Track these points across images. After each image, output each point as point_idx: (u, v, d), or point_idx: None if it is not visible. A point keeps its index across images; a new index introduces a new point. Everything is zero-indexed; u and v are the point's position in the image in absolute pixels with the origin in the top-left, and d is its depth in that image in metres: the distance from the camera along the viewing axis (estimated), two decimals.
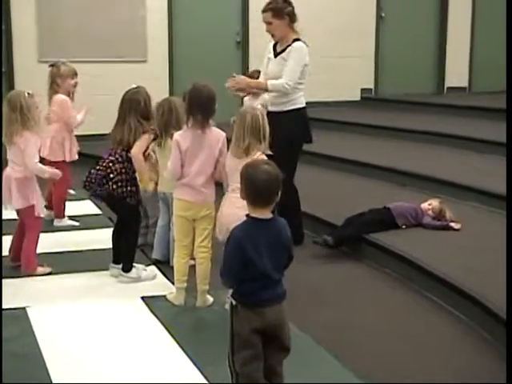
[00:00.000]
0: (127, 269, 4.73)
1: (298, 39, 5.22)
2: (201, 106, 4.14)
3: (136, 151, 4.59)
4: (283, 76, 5.16)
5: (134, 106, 4.59)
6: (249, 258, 2.84)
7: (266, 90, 5.19)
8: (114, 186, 4.59)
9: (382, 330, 4.04)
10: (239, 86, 5.28)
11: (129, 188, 4.62)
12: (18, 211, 4.91)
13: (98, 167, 4.64)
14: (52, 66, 6.00)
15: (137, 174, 4.71)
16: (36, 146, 4.78)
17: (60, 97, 5.88)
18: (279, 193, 2.93)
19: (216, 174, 4.26)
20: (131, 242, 4.78)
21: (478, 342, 3.87)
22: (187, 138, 4.20)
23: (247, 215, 2.93)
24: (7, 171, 4.83)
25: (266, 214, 2.91)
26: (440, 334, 4.04)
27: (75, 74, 5.96)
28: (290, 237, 2.97)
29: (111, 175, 4.58)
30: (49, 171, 4.90)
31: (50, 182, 5.77)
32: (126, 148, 4.60)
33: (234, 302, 2.94)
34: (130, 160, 4.62)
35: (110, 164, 4.61)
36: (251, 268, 2.86)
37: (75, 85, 5.97)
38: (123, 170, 4.60)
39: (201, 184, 4.20)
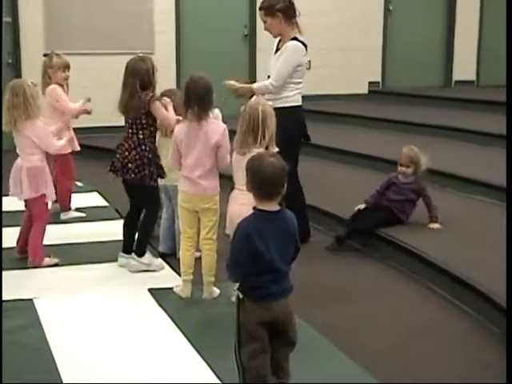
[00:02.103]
0: (141, 253, 4.74)
1: (294, 38, 5.12)
2: (197, 98, 4.13)
3: (170, 118, 4.59)
4: (271, 75, 5.14)
5: (134, 73, 4.53)
6: (256, 251, 2.83)
7: (253, 92, 5.08)
8: (133, 175, 4.59)
9: (388, 324, 4.04)
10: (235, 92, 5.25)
11: (146, 171, 4.60)
12: (26, 202, 4.91)
13: (117, 155, 4.66)
14: (45, 56, 5.97)
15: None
16: (47, 129, 4.80)
17: (51, 86, 5.81)
18: (285, 185, 2.93)
19: (219, 166, 4.27)
20: (149, 226, 4.78)
21: (486, 336, 3.86)
22: (183, 130, 4.21)
23: (254, 208, 2.93)
24: (18, 162, 4.84)
25: (272, 206, 2.90)
26: (447, 327, 4.03)
27: (67, 67, 5.86)
28: (297, 229, 2.96)
29: (129, 164, 4.59)
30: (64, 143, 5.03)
31: (53, 175, 5.76)
32: (132, 123, 4.58)
33: (240, 296, 2.94)
34: (143, 142, 4.59)
35: (126, 153, 4.60)
36: (259, 261, 2.85)
37: (66, 78, 5.87)
38: (137, 156, 4.58)
39: (198, 176, 4.20)
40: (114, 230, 5.46)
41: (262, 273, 2.87)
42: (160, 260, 4.92)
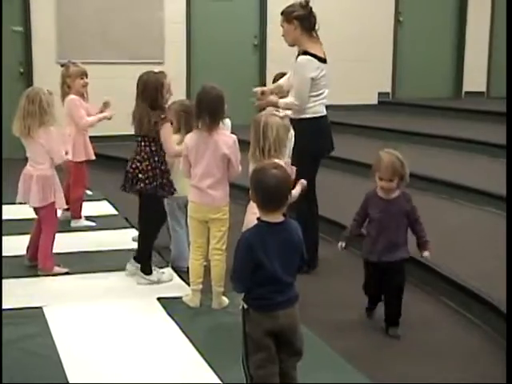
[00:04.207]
0: (147, 272, 4.73)
1: (305, 52, 4.96)
2: (208, 108, 4.14)
3: (169, 148, 4.57)
4: (291, 96, 5.00)
5: (144, 91, 4.53)
6: (258, 262, 2.84)
7: (279, 107, 4.95)
8: (142, 185, 4.59)
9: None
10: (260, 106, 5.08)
11: (158, 182, 4.60)
12: (35, 209, 4.94)
13: (128, 168, 4.66)
14: (62, 66, 6.04)
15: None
16: (59, 140, 4.83)
17: (69, 97, 5.90)
18: (289, 195, 2.93)
19: (229, 177, 4.28)
20: (152, 240, 4.76)
21: (496, 348, 3.85)
22: (193, 140, 4.23)
23: (258, 219, 2.94)
24: (27, 169, 4.86)
25: (276, 217, 2.91)
26: (457, 339, 4.02)
27: (84, 74, 5.93)
28: (301, 239, 2.96)
29: (140, 175, 4.59)
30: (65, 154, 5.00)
31: (65, 183, 5.79)
32: (144, 136, 4.59)
33: (245, 306, 2.94)
34: (156, 153, 4.60)
35: (138, 164, 4.61)
36: (261, 272, 2.86)
37: (85, 85, 5.94)
38: (149, 167, 4.59)
39: (207, 186, 4.21)
40: (123, 238, 5.48)
41: (266, 284, 2.88)
42: (169, 270, 4.91)
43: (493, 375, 3.54)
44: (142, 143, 4.61)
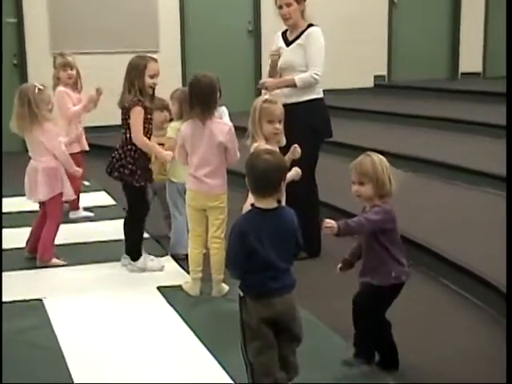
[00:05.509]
0: (134, 257, 4.72)
1: (311, 24, 4.94)
2: (200, 98, 4.13)
3: (134, 135, 4.51)
4: (309, 66, 4.86)
5: (125, 73, 4.51)
6: (251, 248, 2.84)
7: (295, 86, 4.86)
8: (117, 173, 4.59)
9: (399, 315, 4.03)
10: (270, 88, 4.91)
11: (128, 169, 4.55)
12: (40, 202, 4.93)
13: (112, 154, 4.66)
14: (54, 57, 6.02)
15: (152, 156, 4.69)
16: (57, 136, 4.82)
17: (57, 89, 5.85)
18: (282, 182, 2.92)
19: (228, 164, 4.27)
20: (134, 228, 4.72)
21: (496, 327, 3.86)
22: (188, 129, 4.22)
23: (252, 205, 2.94)
24: (31, 164, 4.86)
25: (270, 203, 2.90)
26: (456, 319, 4.03)
27: (68, 66, 5.86)
28: (296, 225, 2.95)
29: (118, 162, 4.58)
30: (74, 168, 4.96)
31: None
32: (122, 121, 4.56)
33: (241, 294, 2.95)
34: (131, 142, 4.55)
35: (116, 151, 4.62)
36: (255, 258, 2.85)
37: (70, 77, 5.88)
38: (123, 155, 4.57)
39: (203, 174, 4.20)
40: (122, 229, 5.46)
41: (260, 270, 2.87)
42: (161, 260, 4.87)
43: (490, 353, 3.56)
44: (123, 130, 4.60)
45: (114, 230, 5.59)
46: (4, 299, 4.23)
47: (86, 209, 6.18)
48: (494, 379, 3.29)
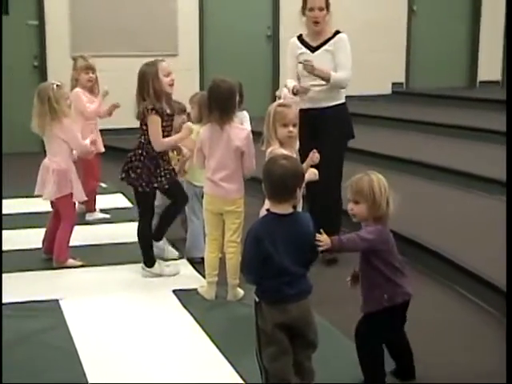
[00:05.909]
0: (149, 264, 4.72)
1: (339, 31, 5.02)
2: (219, 102, 4.14)
3: (154, 140, 4.50)
4: (338, 71, 4.92)
5: (137, 80, 4.52)
6: (266, 253, 2.85)
7: (327, 81, 4.90)
8: (125, 174, 4.60)
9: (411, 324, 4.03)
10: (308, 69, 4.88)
11: (134, 173, 4.55)
12: (52, 202, 4.96)
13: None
14: (74, 59, 6.05)
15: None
16: (75, 131, 4.87)
17: (74, 90, 5.88)
18: (298, 188, 2.93)
19: (244, 170, 4.26)
20: (144, 233, 4.71)
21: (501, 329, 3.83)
22: (207, 133, 4.24)
23: (267, 210, 2.95)
24: (45, 162, 4.90)
25: (285, 209, 2.91)
26: (463, 323, 4.03)
27: (90, 69, 5.91)
28: (312, 231, 2.96)
29: (127, 164, 4.60)
30: (90, 149, 5.05)
31: (80, 177, 5.81)
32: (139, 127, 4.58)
33: (256, 299, 2.95)
34: (143, 146, 4.56)
35: (130, 153, 4.63)
36: (270, 263, 2.86)
37: (90, 79, 5.92)
38: (133, 158, 4.58)
39: (220, 178, 4.21)
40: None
41: (275, 276, 2.88)
42: (177, 265, 4.87)
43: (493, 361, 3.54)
44: (139, 135, 4.62)
45: (130, 232, 5.58)
46: (20, 299, 4.26)
47: (102, 211, 6.21)
48: None
